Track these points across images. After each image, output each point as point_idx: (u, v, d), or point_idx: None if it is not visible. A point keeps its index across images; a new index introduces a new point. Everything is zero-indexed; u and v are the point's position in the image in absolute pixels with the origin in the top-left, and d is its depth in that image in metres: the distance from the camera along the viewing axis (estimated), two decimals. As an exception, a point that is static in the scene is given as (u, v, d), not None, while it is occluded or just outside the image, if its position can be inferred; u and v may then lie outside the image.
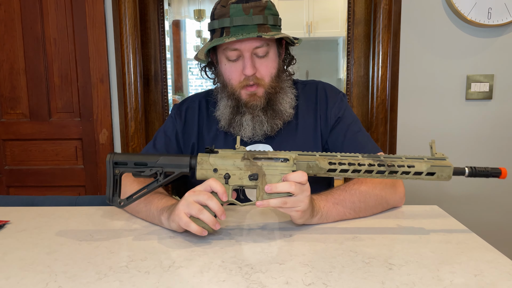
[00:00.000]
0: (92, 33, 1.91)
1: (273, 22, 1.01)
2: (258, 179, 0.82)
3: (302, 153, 0.84)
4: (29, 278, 0.67)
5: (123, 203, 0.85)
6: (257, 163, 0.82)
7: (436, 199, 1.96)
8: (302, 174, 0.80)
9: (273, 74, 1.05)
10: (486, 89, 1.88)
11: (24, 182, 2.04)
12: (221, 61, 1.06)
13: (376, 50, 1.89)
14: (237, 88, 1.04)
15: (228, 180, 0.83)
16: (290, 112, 1.09)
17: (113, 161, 0.84)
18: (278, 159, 0.82)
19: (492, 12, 1.80)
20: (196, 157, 0.84)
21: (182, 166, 0.84)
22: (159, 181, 0.84)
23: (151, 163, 0.84)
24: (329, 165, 0.81)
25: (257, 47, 1.00)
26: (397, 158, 0.82)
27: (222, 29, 1.00)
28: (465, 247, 0.78)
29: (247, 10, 0.98)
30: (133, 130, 1.97)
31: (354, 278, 0.65)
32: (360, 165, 0.81)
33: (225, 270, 0.68)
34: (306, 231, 0.86)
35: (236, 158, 0.83)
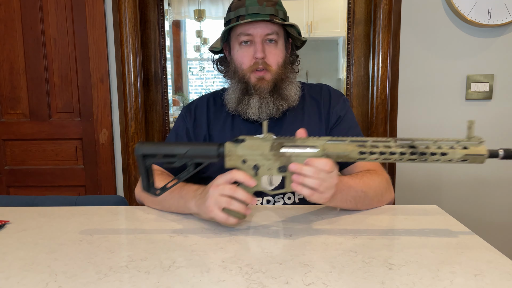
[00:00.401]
0: (92, 33, 1.91)
1: (282, 16, 1.12)
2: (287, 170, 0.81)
3: (332, 139, 0.82)
4: (29, 278, 0.67)
5: (159, 192, 0.86)
6: (286, 154, 0.81)
7: (436, 199, 1.96)
8: (327, 162, 0.79)
9: (280, 63, 1.13)
10: (486, 89, 1.88)
11: (24, 182, 2.04)
12: (234, 47, 1.14)
13: (376, 50, 1.89)
14: (247, 72, 1.12)
15: (257, 172, 0.82)
16: (296, 99, 1.15)
17: (142, 154, 0.84)
18: (306, 147, 0.81)
19: (492, 12, 1.80)
20: (224, 146, 0.83)
21: (210, 157, 0.83)
22: (189, 171, 0.85)
23: (179, 155, 0.83)
24: (359, 154, 0.80)
25: (268, 33, 1.10)
26: (430, 143, 0.79)
27: (238, 17, 1.10)
28: (465, 247, 0.78)
29: (261, 2, 1.09)
30: (133, 130, 1.97)
31: (354, 278, 0.65)
32: (392, 153, 0.79)
33: (225, 270, 0.68)
34: (306, 231, 0.86)
35: (264, 148, 0.82)
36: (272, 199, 1.12)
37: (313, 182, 0.79)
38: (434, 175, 1.95)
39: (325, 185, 0.80)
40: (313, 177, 0.79)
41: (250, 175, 0.83)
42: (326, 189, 0.81)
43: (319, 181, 0.79)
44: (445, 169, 1.94)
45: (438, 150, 0.78)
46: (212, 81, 5.45)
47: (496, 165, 1.92)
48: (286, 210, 1.02)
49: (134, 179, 2.00)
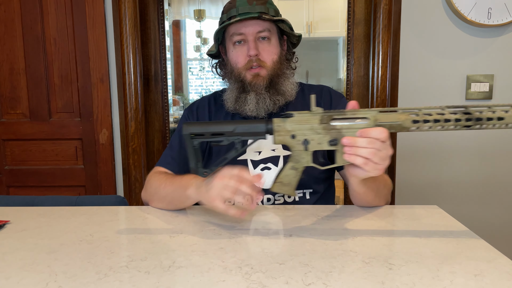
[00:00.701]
0: (92, 33, 1.91)
1: (273, 14, 1.13)
2: (339, 143, 0.80)
3: (383, 110, 0.80)
4: (29, 278, 0.67)
5: (206, 173, 0.86)
6: (336, 126, 0.80)
7: (436, 199, 1.96)
8: (382, 131, 0.77)
9: (275, 59, 1.14)
10: (486, 89, 1.88)
11: (24, 182, 2.04)
12: (229, 48, 1.16)
13: (376, 50, 1.89)
14: (242, 70, 1.13)
15: (307, 146, 0.81)
16: (292, 93, 1.16)
17: (190, 133, 0.83)
18: (357, 119, 0.79)
19: (492, 12, 1.80)
20: (272, 122, 0.82)
21: (258, 133, 0.83)
22: (237, 150, 0.84)
23: (228, 133, 0.83)
24: (413, 123, 0.78)
25: (260, 31, 1.11)
26: (484, 108, 0.77)
27: (229, 18, 1.12)
28: (465, 247, 0.78)
29: (251, 1, 1.11)
30: (133, 130, 1.97)
31: (354, 278, 0.65)
32: (447, 121, 0.77)
33: (225, 270, 0.68)
34: (306, 231, 0.86)
35: (313, 121, 0.80)
36: (273, 197, 1.12)
37: (367, 152, 0.77)
38: (434, 175, 1.95)
39: (380, 154, 0.78)
40: (368, 147, 0.77)
41: (300, 150, 0.81)
42: (381, 159, 0.78)
43: (374, 150, 0.77)
44: (445, 169, 1.94)
45: (494, 115, 0.75)
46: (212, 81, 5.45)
47: (496, 165, 1.93)
48: (286, 209, 1.02)
49: (134, 179, 2.00)
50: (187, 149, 0.84)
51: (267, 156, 1.14)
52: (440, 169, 1.94)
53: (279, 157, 1.13)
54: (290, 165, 0.84)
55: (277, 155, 1.14)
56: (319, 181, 1.15)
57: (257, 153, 1.14)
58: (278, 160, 1.13)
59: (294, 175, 0.84)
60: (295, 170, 0.84)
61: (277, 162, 1.13)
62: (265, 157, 1.14)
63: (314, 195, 1.15)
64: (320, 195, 1.16)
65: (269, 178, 1.12)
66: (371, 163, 0.78)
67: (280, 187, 0.84)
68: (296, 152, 0.83)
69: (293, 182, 0.85)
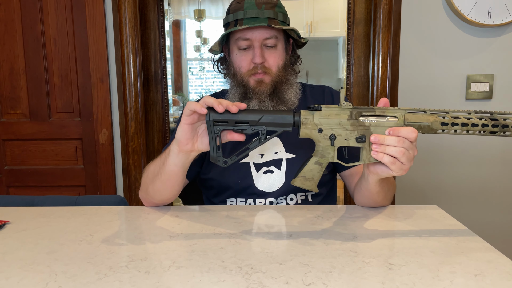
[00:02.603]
0: (92, 33, 1.91)
1: (282, 19, 1.10)
2: (366, 140, 0.79)
3: (411, 110, 0.80)
4: (29, 278, 0.67)
5: (228, 162, 0.84)
6: (365, 123, 0.79)
7: (436, 199, 1.96)
8: (413, 131, 0.77)
9: (280, 65, 1.11)
10: (486, 89, 1.88)
11: (24, 182, 2.04)
12: (233, 51, 1.13)
13: (376, 50, 1.89)
14: (245, 76, 1.11)
15: (334, 142, 0.80)
16: (295, 102, 1.14)
17: (213, 119, 0.81)
18: (386, 117, 0.78)
19: (492, 12, 1.80)
20: (300, 114, 0.81)
21: (285, 125, 0.81)
22: (261, 140, 0.82)
23: (252, 122, 0.81)
24: (441, 125, 0.78)
25: (267, 38, 1.08)
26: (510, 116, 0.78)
27: (236, 21, 1.09)
28: (465, 247, 0.78)
29: (259, 5, 1.07)
30: (133, 130, 1.97)
31: (354, 278, 0.65)
32: (474, 125, 0.77)
33: (225, 270, 0.68)
34: (306, 231, 0.86)
35: (342, 117, 0.79)
36: (275, 200, 1.12)
37: (396, 151, 0.76)
38: (434, 175, 1.95)
39: (408, 155, 0.77)
40: (397, 146, 0.76)
41: (326, 144, 0.80)
42: (408, 160, 0.78)
43: (403, 149, 0.76)
44: (445, 169, 1.94)
45: None
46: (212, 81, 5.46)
47: (496, 165, 1.93)
48: (286, 210, 1.02)
49: (134, 179, 2.00)
50: (209, 135, 0.82)
51: (270, 159, 1.13)
52: (440, 169, 1.94)
53: (281, 160, 1.13)
54: (315, 160, 0.82)
55: (280, 158, 1.13)
56: (322, 183, 1.14)
57: (259, 156, 1.13)
58: (281, 163, 1.12)
59: (318, 170, 0.83)
60: (319, 165, 0.82)
61: (280, 165, 1.12)
62: (268, 160, 1.13)
63: (316, 197, 1.14)
64: (322, 198, 1.16)
65: (272, 181, 1.12)
66: (398, 163, 0.78)
67: (302, 182, 0.83)
68: (321, 146, 0.81)
69: (316, 177, 0.83)
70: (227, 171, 1.12)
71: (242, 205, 1.12)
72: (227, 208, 1.04)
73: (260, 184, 1.11)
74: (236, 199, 1.14)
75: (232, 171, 1.12)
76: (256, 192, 1.12)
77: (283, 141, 1.14)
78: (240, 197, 1.13)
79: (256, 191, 1.12)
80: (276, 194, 1.11)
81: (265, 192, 1.12)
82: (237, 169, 1.12)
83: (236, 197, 1.14)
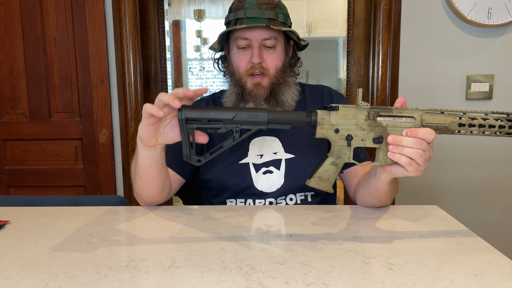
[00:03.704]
0: (92, 33, 1.91)
1: (283, 20, 1.10)
2: (383, 141, 0.78)
3: (429, 111, 0.79)
4: (29, 278, 0.67)
5: (202, 160, 0.83)
6: (382, 124, 0.78)
7: (436, 199, 1.96)
8: (431, 132, 0.76)
9: (278, 67, 1.11)
10: (486, 89, 1.88)
11: (24, 182, 2.04)
12: (232, 49, 1.13)
13: (376, 50, 1.89)
14: (243, 75, 1.11)
15: (350, 142, 0.79)
16: (292, 104, 1.14)
17: (185, 118, 0.79)
18: (403, 118, 0.77)
19: (492, 12, 1.80)
20: (316, 114, 0.78)
21: (259, 123, 0.79)
22: (235, 138, 0.80)
23: (226, 120, 0.79)
24: (459, 126, 0.78)
25: (266, 38, 1.08)
26: None
27: (236, 20, 1.09)
28: (465, 247, 0.78)
29: (260, 5, 1.08)
30: (133, 130, 1.97)
31: (354, 278, 0.65)
32: (491, 126, 0.77)
33: (225, 270, 0.68)
34: (306, 231, 0.86)
35: (359, 117, 0.78)
36: (275, 200, 1.12)
37: (413, 152, 0.76)
38: (434, 175, 1.95)
39: (424, 156, 0.77)
40: (414, 147, 0.76)
41: (343, 145, 0.79)
42: (424, 161, 0.77)
43: (420, 151, 0.76)
44: (446, 169, 1.94)
45: None
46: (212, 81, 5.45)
47: (496, 165, 1.92)
48: (286, 210, 1.02)
49: (134, 179, 2.00)
50: (181, 133, 0.81)
51: (269, 159, 1.13)
52: (441, 169, 1.94)
53: (281, 160, 1.12)
54: (330, 160, 0.81)
55: (279, 158, 1.13)
56: None
57: (259, 156, 1.13)
58: (280, 163, 1.12)
59: (334, 171, 0.82)
60: (335, 166, 0.82)
61: (279, 165, 1.12)
62: (267, 160, 1.13)
63: (316, 197, 1.14)
64: (322, 198, 1.16)
65: (271, 181, 1.12)
66: (415, 164, 0.77)
67: (318, 183, 0.82)
68: (337, 147, 0.80)
69: (332, 178, 0.83)
70: (226, 172, 1.12)
71: (242, 205, 1.12)
72: (227, 208, 1.04)
73: (259, 184, 1.11)
74: (235, 200, 1.14)
75: (231, 172, 1.11)
76: (255, 192, 1.12)
77: (282, 141, 1.13)
78: (239, 197, 1.13)
79: (255, 192, 1.12)
80: (275, 195, 1.11)
81: (265, 192, 1.12)
82: (236, 170, 1.12)
83: (235, 197, 1.14)
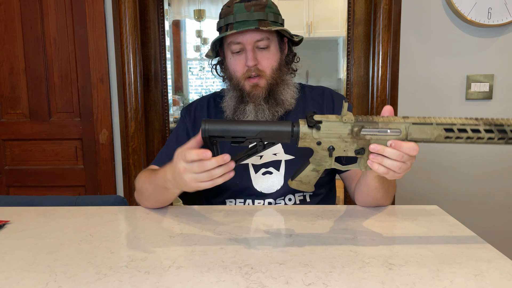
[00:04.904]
0: (92, 33, 1.91)
1: (273, 19, 1.09)
2: (365, 152, 0.78)
3: (417, 122, 0.77)
4: (29, 278, 0.67)
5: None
6: (365, 137, 0.77)
7: (436, 199, 1.96)
8: (414, 147, 0.76)
9: (274, 66, 1.11)
10: (486, 89, 1.88)
11: (24, 182, 2.04)
12: (227, 55, 1.13)
13: (376, 50, 1.89)
14: (241, 79, 1.11)
15: (332, 152, 0.79)
16: (292, 102, 1.14)
17: (209, 136, 0.79)
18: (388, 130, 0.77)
19: (492, 12, 1.80)
20: (299, 125, 0.78)
21: (283, 137, 0.80)
22: (258, 150, 0.81)
23: (249, 136, 0.80)
24: (445, 139, 0.78)
25: (258, 40, 1.08)
26: None
27: (227, 25, 1.09)
28: (465, 247, 0.78)
29: (248, 7, 1.07)
30: (133, 130, 1.97)
31: (354, 278, 0.65)
32: (479, 138, 0.77)
33: (225, 270, 0.68)
34: (306, 231, 0.86)
35: (343, 131, 0.78)
36: (274, 201, 1.12)
37: (393, 164, 0.76)
38: (434, 175, 1.95)
39: (404, 167, 0.77)
40: (395, 160, 0.76)
41: (324, 155, 0.80)
42: (403, 171, 0.78)
43: (400, 163, 0.76)
44: (446, 168, 1.94)
45: None
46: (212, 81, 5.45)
47: (496, 165, 1.92)
48: (286, 210, 1.02)
49: (134, 179, 2.00)
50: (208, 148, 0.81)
51: (268, 160, 1.13)
52: (441, 169, 1.94)
53: (280, 161, 1.12)
54: (312, 167, 0.82)
55: (279, 159, 1.13)
56: (320, 184, 1.14)
57: (258, 157, 1.13)
58: (280, 164, 1.12)
59: (315, 176, 0.83)
60: (316, 172, 0.83)
61: (279, 166, 1.12)
62: (267, 161, 1.13)
63: (314, 197, 1.14)
64: (321, 198, 1.16)
65: (271, 182, 1.12)
66: (391, 173, 0.78)
67: (299, 185, 0.84)
68: (319, 156, 0.81)
69: (313, 181, 0.84)
70: None
71: (242, 205, 1.12)
72: (227, 208, 1.04)
73: (259, 185, 1.11)
74: (235, 200, 1.14)
75: None
76: (255, 193, 1.12)
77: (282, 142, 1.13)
78: (239, 197, 1.13)
79: (255, 192, 1.12)
80: (275, 195, 1.12)
81: (264, 193, 1.12)
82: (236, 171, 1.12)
83: (235, 198, 1.14)
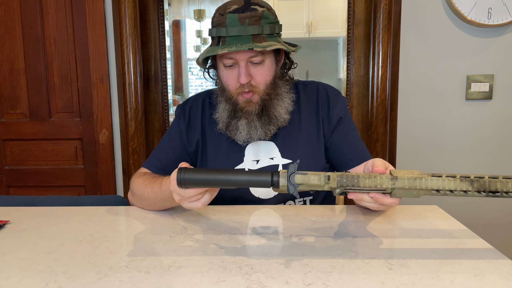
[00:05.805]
0: (92, 33, 1.91)
1: (269, 32, 1.01)
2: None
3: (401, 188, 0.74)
4: (29, 278, 0.67)
5: None
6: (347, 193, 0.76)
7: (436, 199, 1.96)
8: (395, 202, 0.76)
9: (268, 82, 1.06)
10: (486, 89, 1.88)
11: (24, 182, 2.04)
12: (219, 67, 1.08)
13: (376, 50, 1.89)
14: (233, 94, 1.06)
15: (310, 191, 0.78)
16: (285, 118, 1.09)
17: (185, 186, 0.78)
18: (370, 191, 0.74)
19: (492, 12, 1.80)
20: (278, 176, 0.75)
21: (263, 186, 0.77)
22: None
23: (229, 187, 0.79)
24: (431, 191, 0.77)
25: (252, 56, 1.02)
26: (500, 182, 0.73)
27: (219, 38, 1.01)
28: (465, 247, 0.78)
29: (242, 20, 0.99)
30: (133, 130, 1.97)
31: (354, 278, 0.65)
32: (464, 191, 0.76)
33: (225, 270, 0.68)
34: (306, 231, 0.86)
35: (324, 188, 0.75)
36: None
37: (372, 206, 0.80)
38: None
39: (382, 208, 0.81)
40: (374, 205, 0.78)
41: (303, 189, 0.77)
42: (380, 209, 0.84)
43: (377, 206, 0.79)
44: (446, 168, 1.94)
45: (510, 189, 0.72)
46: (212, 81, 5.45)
47: (496, 164, 1.92)
48: (286, 210, 1.02)
49: (134, 179, 2.00)
50: None
51: (265, 165, 1.11)
52: (441, 169, 1.94)
53: (278, 166, 1.11)
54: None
55: (276, 163, 1.11)
56: None
57: (255, 162, 1.11)
58: (277, 169, 1.11)
59: None
60: None
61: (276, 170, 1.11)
62: (264, 166, 1.11)
63: (314, 201, 1.14)
64: (320, 201, 1.16)
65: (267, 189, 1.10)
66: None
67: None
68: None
69: None
70: None
71: (242, 205, 1.12)
72: (227, 208, 1.04)
73: (256, 191, 1.11)
74: None
75: None
76: (252, 199, 1.11)
77: (279, 146, 1.12)
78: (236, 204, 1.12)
79: (252, 198, 1.11)
80: (273, 201, 1.11)
81: (262, 199, 1.11)
82: None
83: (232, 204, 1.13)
